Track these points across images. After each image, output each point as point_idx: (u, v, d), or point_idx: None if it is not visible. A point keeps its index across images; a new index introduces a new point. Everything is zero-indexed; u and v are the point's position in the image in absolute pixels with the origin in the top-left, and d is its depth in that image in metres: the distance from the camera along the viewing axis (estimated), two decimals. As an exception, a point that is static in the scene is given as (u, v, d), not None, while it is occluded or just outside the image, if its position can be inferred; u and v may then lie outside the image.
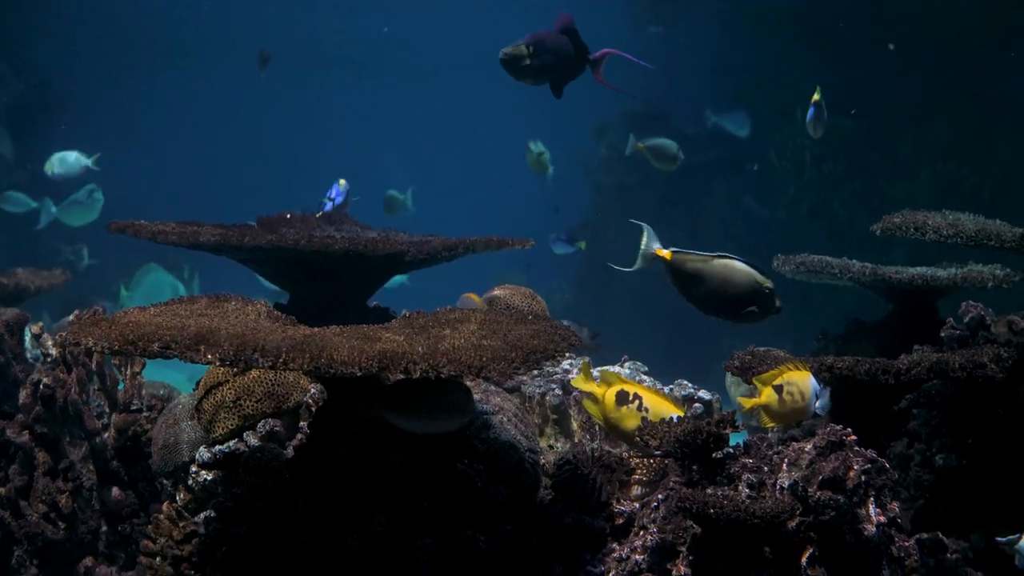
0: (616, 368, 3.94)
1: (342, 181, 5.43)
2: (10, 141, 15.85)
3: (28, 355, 4.56)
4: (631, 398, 2.97)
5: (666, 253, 3.38)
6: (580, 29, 4.28)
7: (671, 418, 2.89)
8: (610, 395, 3.00)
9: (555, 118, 8.79)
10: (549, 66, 4.22)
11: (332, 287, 4.07)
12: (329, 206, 5.25)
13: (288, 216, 4.51)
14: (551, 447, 3.62)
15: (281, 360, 2.48)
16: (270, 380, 3.40)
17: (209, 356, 2.52)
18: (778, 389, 2.96)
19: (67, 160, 9.07)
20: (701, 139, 12.36)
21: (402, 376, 2.57)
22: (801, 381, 2.96)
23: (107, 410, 4.03)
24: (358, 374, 2.48)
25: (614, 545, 3.07)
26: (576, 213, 14.20)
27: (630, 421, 2.96)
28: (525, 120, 8.38)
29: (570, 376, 3.77)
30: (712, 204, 9.98)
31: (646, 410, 2.94)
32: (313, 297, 4.12)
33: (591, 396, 3.04)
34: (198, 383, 3.94)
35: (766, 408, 2.98)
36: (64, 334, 3.76)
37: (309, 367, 2.49)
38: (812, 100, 5.40)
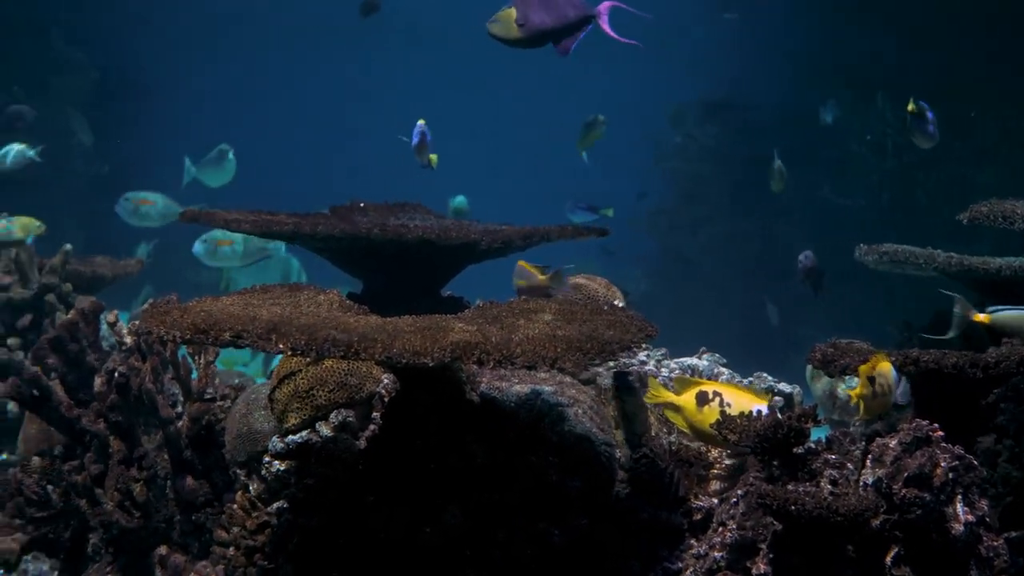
0: (694, 360, 3.87)
1: (421, 121, 5.35)
2: (89, 129, 16.05)
3: (104, 343, 4.58)
4: (711, 396, 2.89)
5: (984, 317, 3.29)
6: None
7: (752, 412, 2.82)
8: (689, 399, 2.92)
9: (630, 104, 8.69)
10: (545, 29, 4.11)
11: (405, 276, 4.04)
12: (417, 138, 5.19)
13: (362, 205, 4.48)
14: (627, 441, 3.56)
15: (353, 350, 2.45)
16: (343, 370, 3.36)
17: (281, 345, 2.49)
18: (871, 380, 2.87)
19: (9, 153, 9.15)
20: (775, 126, 12.21)
21: (477, 366, 2.53)
22: (889, 372, 2.88)
23: (181, 399, 4.03)
24: (431, 364, 2.44)
25: (692, 541, 3.02)
26: (649, 201, 14.09)
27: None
28: (599, 107, 8.26)
29: (647, 367, 3.71)
30: (787, 192, 9.84)
31: (728, 406, 2.86)
32: (386, 286, 4.09)
33: (670, 405, 2.97)
34: (271, 372, 3.93)
35: (863, 399, 2.90)
36: (138, 322, 3.77)
37: (381, 357, 2.45)
38: (907, 110, 5.28)
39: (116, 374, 3.81)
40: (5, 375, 5.36)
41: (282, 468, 3.38)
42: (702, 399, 2.89)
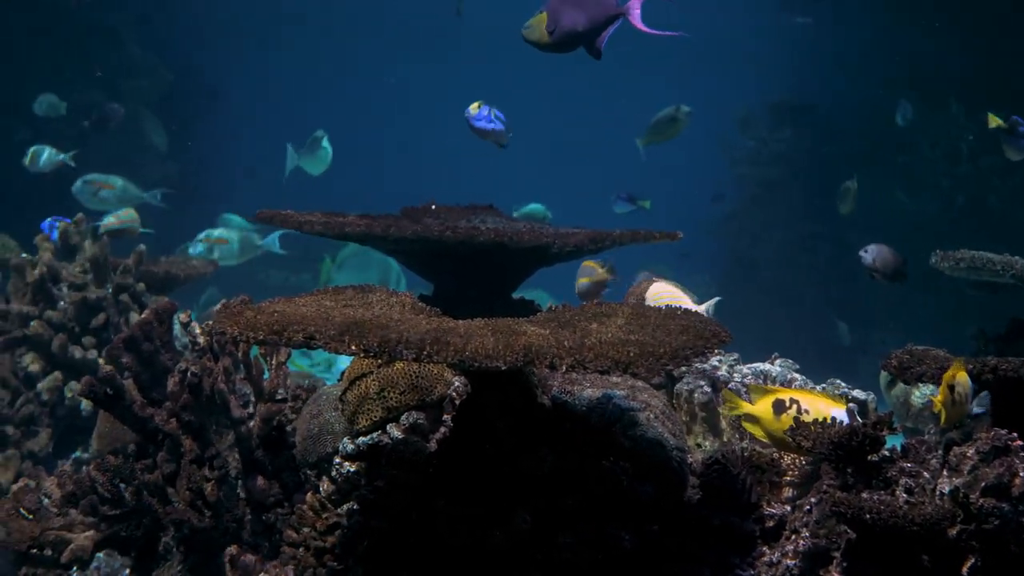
0: (766, 366, 3.83)
1: (474, 106, 5.33)
2: (163, 132, 16.25)
3: (176, 343, 4.62)
4: (788, 404, 2.86)
5: None
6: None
7: (826, 419, 2.78)
8: (766, 408, 2.89)
9: (701, 109, 8.64)
10: (575, 32, 4.10)
11: (476, 279, 4.04)
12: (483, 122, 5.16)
13: (433, 207, 4.49)
14: (699, 445, 3.53)
15: (425, 352, 2.44)
16: (414, 372, 3.37)
17: (353, 347, 2.48)
18: (950, 388, 2.82)
19: (42, 154, 9.27)
20: (846, 130, 12.12)
21: (549, 370, 2.51)
22: (966, 381, 2.83)
23: (252, 399, 4.05)
24: (503, 368, 2.42)
25: (764, 548, 2.98)
26: (720, 205, 14.03)
27: None
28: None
29: (719, 373, 3.68)
30: (858, 197, 9.75)
31: (805, 412, 2.82)
32: (457, 289, 4.09)
33: (747, 416, 2.94)
34: (342, 374, 3.95)
35: (944, 407, 2.85)
36: (211, 323, 3.80)
37: (454, 360, 2.44)
38: (997, 126, 5.20)
39: (189, 374, 3.83)
40: (80, 374, 5.44)
41: (352, 470, 3.40)
42: (779, 407, 2.86)
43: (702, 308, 3.64)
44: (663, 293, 3.84)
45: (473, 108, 5.11)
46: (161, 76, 16.52)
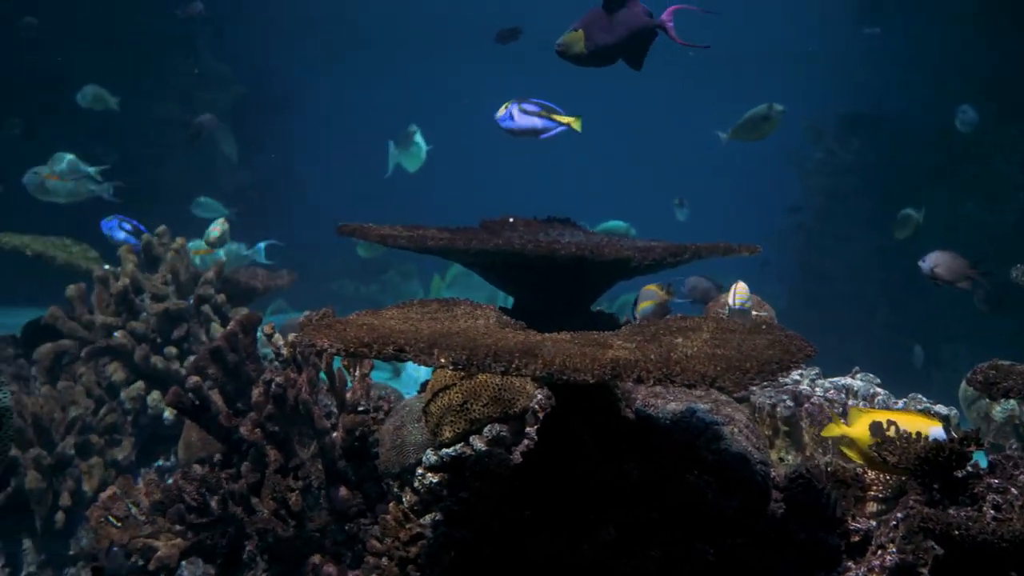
0: (848, 380, 3.81)
1: (506, 109, 5.34)
2: (234, 142, 16.44)
3: (260, 354, 4.68)
4: (886, 426, 2.84)
5: None
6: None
7: (913, 434, 2.77)
8: (863, 432, 2.87)
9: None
10: (610, 46, 4.11)
11: (556, 292, 4.05)
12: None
13: (511, 220, 4.51)
14: (781, 460, 3.52)
15: (514, 365, 2.46)
16: (496, 385, 3.39)
17: (443, 360, 2.51)
18: None
19: (63, 159, 9.37)
20: (918, 141, 12.01)
21: (636, 384, 2.52)
22: None
23: (334, 410, 4.10)
24: (591, 381, 2.44)
25: (849, 563, 2.97)
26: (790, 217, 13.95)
27: None
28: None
29: (801, 387, 3.67)
30: (929, 208, 9.66)
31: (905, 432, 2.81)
32: (537, 302, 4.11)
33: (844, 440, 2.93)
34: (423, 385, 3.98)
35: None
36: (297, 335, 3.85)
37: (542, 373, 2.46)
38: None
39: (273, 385, 3.89)
40: (162, 384, 5.53)
41: (435, 481, 3.43)
42: (876, 430, 2.85)
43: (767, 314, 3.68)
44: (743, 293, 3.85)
45: (501, 111, 5.13)
46: (233, 88, 16.72)
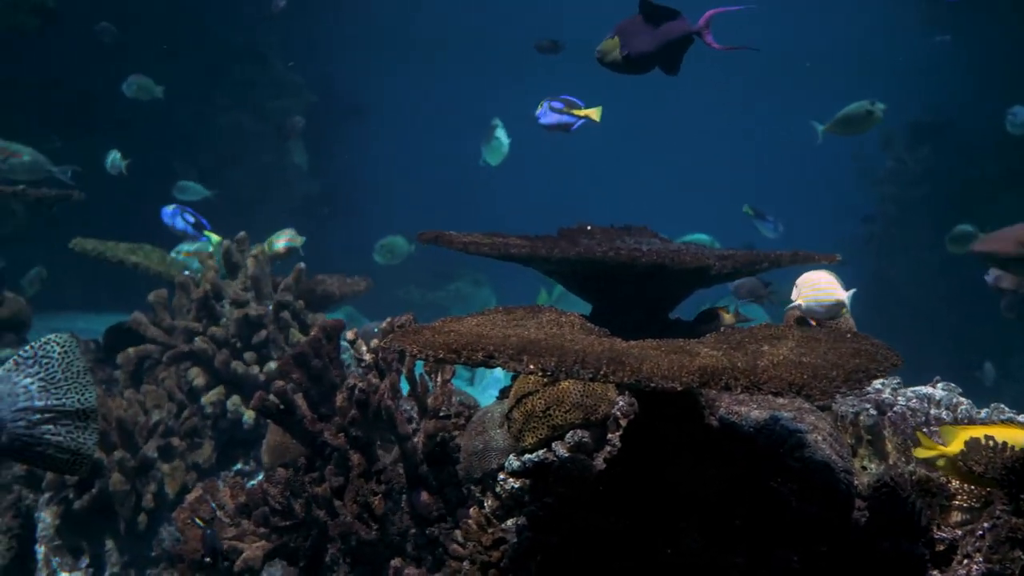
0: (929, 389, 3.80)
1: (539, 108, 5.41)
2: (304, 151, 16.60)
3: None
4: (985, 441, 2.83)
5: None
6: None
7: (999, 444, 2.76)
8: (960, 448, 2.86)
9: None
10: (645, 53, 4.13)
11: (635, 299, 4.07)
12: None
13: (588, 227, 4.54)
14: (864, 468, 3.52)
15: (602, 372, 2.48)
16: (579, 391, 3.42)
17: (532, 366, 2.54)
18: None
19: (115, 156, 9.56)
20: (988, 149, 11.89)
21: (723, 392, 2.54)
22: None
23: (415, 415, 4.14)
24: (679, 389, 2.46)
25: (935, 573, 2.96)
26: (860, 226, 13.88)
27: None
28: (807, 128, 8.16)
29: (883, 396, 3.66)
30: (999, 217, 9.56)
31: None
32: (616, 309, 4.13)
33: (942, 458, 2.92)
34: (502, 391, 4.02)
35: None
36: (385, 340, 3.90)
37: (630, 380, 2.48)
38: None
39: (356, 390, 3.95)
40: (241, 389, 5.62)
41: (516, 486, 3.46)
42: (975, 445, 2.83)
43: (846, 296, 3.70)
44: (819, 281, 3.84)
45: (538, 109, 5.23)
46: (304, 96, 16.88)
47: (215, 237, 7.25)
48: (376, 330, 5.19)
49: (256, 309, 5.81)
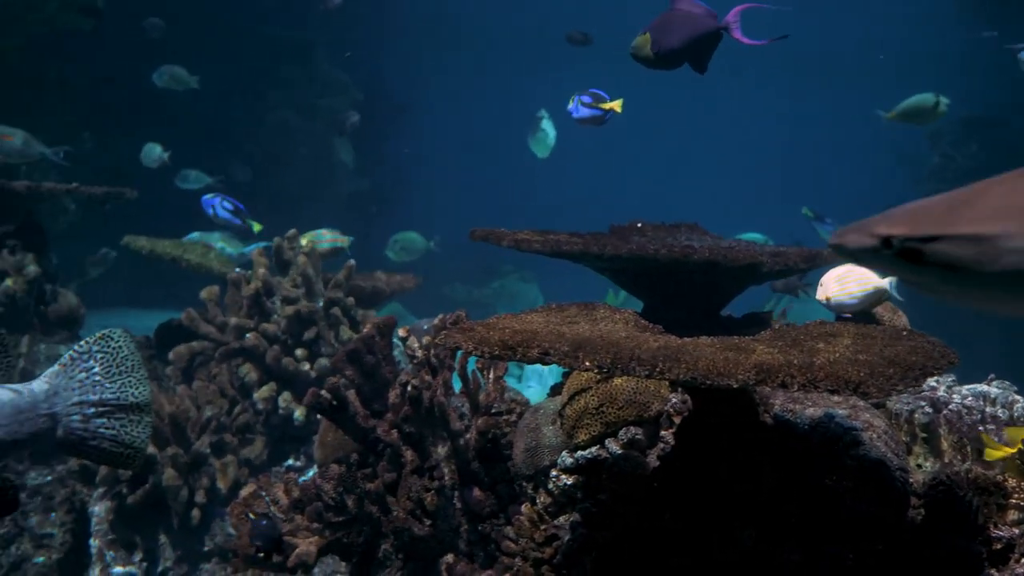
0: (984, 387, 3.77)
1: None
2: (351, 149, 16.65)
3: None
4: None
5: None
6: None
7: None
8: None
9: (884, 122, 8.50)
10: (677, 48, 4.14)
11: (688, 296, 4.07)
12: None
13: (639, 225, 4.54)
14: (919, 466, 3.50)
15: (658, 369, 2.48)
16: (632, 388, 3.42)
17: (587, 363, 2.55)
18: None
19: (153, 152, 9.60)
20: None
21: (779, 388, 2.53)
22: None
23: (466, 412, 4.16)
24: (735, 386, 2.45)
25: (992, 571, 2.95)
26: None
27: None
28: (854, 126, 8.13)
29: (938, 394, 3.64)
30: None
31: None
32: (668, 306, 4.13)
33: (1011, 461, 2.89)
34: (553, 388, 4.02)
35: None
36: (436, 337, 3.92)
37: (686, 377, 2.48)
38: None
39: (409, 387, 3.96)
40: (293, 385, 5.65)
41: (569, 483, 3.46)
42: None
43: (885, 283, 3.68)
44: (848, 275, 3.83)
45: (570, 104, 5.28)
46: (351, 94, 16.92)
47: (257, 225, 7.32)
48: (426, 327, 5.21)
49: (307, 306, 5.84)
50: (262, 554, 3.92)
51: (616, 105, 5.33)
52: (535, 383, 11.07)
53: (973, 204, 2.10)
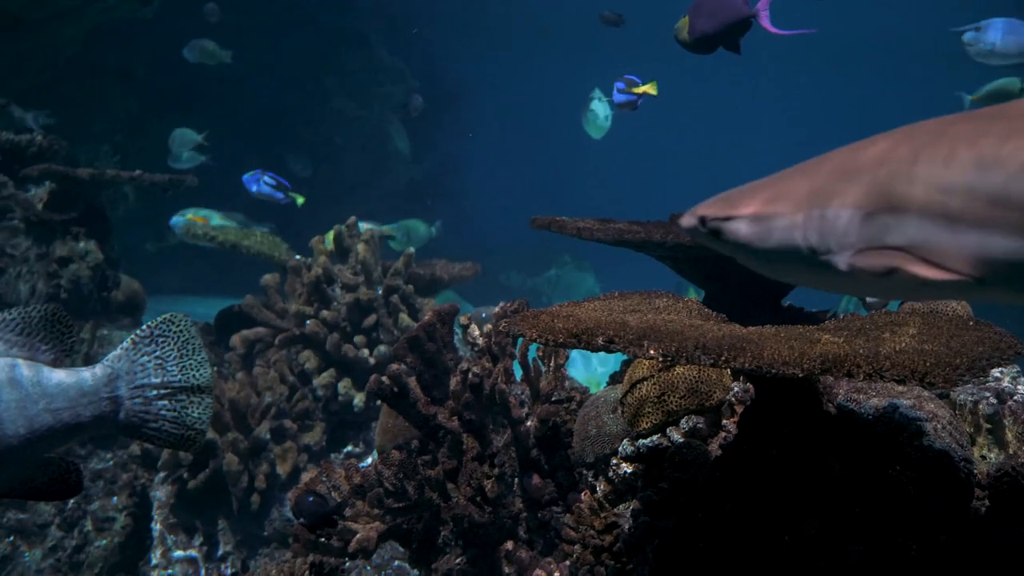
0: (1046, 375, 3.74)
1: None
2: (407, 137, 16.70)
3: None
4: None
5: None
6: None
7: None
8: None
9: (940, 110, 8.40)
10: (708, 33, 4.16)
11: (748, 285, 4.06)
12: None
13: (700, 213, 4.53)
14: (983, 457, 3.47)
15: (723, 358, 2.48)
16: (693, 377, 3.42)
17: (652, 351, 2.55)
18: None
19: (185, 136, 9.63)
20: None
21: (844, 379, 2.52)
22: None
23: (527, 400, 4.17)
24: (800, 375, 2.44)
25: (1058, 564, 2.93)
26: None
27: None
28: (924, 109, 8.05)
29: (1003, 384, 3.61)
30: None
31: None
32: (728, 294, 4.12)
33: None
34: (611, 376, 4.03)
35: None
36: (498, 325, 3.93)
37: (751, 366, 2.48)
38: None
39: (471, 374, 3.98)
40: (352, 372, 5.69)
41: (629, 471, 3.47)
42: None
43: None
44: None
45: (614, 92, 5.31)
46: (407, 82, 16.98)
47: (300, 197, 7.36)
48: (485, 316, 5.23)
49: (366, 293, 5.88)
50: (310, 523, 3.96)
51: (650, 88, 5.34)
52: (579, 363, 11.08)
53: (765, 189, 2.54)
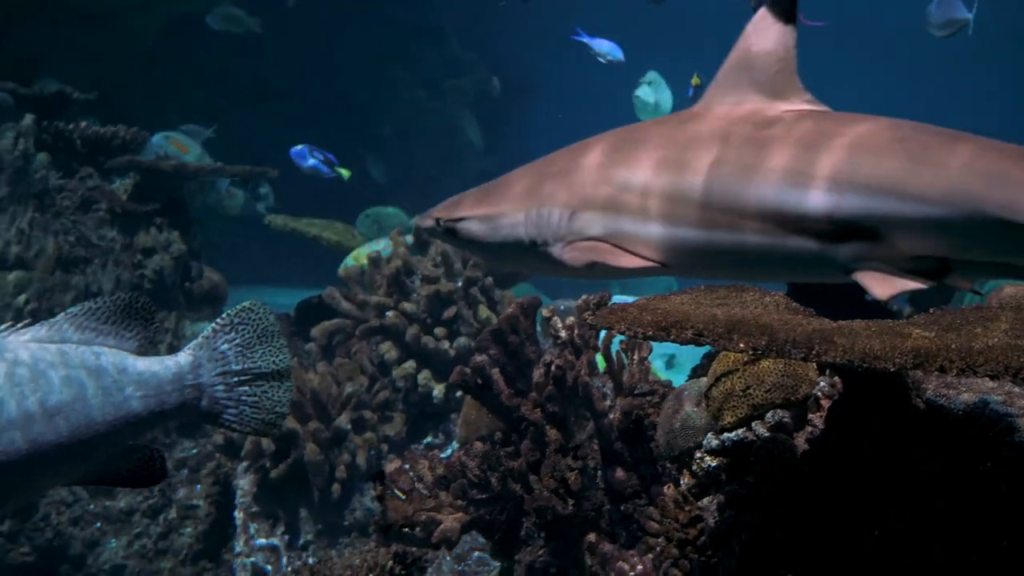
0: None
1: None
2: (479, 129, 16.74)
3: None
4: None
5: None
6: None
7: None
8: None
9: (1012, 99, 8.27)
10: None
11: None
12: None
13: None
14: (1075, 454, 3.43)
15: (814, 352, 2.47)
16: (779, 371, 3.40)
17: (742, 344, 2.54)
18: None
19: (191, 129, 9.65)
20: None
21: (936, 373, 2.51)
22: None
23: (610, 392, 4.17)
24: (891, 369, 2.43)
25: None
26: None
27: None
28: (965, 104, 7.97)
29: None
30: None
31: None
32: (812, 289, 4.09)
33: None
34: (693, 370, 4.02)
35: None
36: (584, 317, 3.94)
37: (842, 360, 2.46)
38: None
39: (554, 367, 4.00)
40: (431, 363, 5.73)
41: (713, 464, 3.46)
42: None
43: None
44: None
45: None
46: (479, 73, 17.01)
47: (346, 171, 7.41)
48: (563, 308, 5.24)
49: (446, 285, 5.91)
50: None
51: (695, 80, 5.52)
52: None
53: (492, 192, 3.21)
